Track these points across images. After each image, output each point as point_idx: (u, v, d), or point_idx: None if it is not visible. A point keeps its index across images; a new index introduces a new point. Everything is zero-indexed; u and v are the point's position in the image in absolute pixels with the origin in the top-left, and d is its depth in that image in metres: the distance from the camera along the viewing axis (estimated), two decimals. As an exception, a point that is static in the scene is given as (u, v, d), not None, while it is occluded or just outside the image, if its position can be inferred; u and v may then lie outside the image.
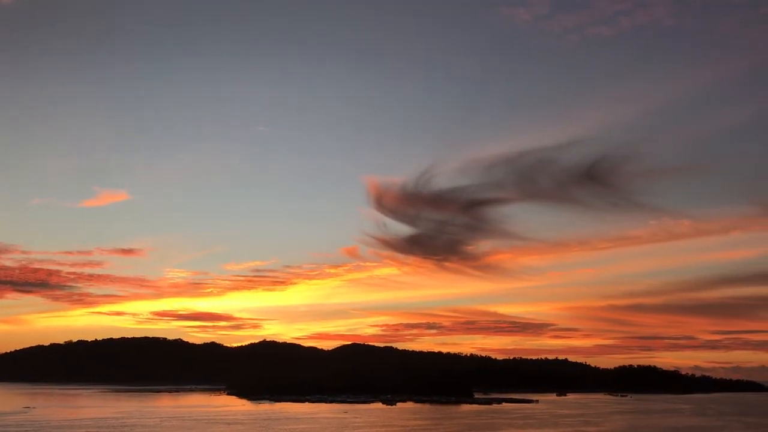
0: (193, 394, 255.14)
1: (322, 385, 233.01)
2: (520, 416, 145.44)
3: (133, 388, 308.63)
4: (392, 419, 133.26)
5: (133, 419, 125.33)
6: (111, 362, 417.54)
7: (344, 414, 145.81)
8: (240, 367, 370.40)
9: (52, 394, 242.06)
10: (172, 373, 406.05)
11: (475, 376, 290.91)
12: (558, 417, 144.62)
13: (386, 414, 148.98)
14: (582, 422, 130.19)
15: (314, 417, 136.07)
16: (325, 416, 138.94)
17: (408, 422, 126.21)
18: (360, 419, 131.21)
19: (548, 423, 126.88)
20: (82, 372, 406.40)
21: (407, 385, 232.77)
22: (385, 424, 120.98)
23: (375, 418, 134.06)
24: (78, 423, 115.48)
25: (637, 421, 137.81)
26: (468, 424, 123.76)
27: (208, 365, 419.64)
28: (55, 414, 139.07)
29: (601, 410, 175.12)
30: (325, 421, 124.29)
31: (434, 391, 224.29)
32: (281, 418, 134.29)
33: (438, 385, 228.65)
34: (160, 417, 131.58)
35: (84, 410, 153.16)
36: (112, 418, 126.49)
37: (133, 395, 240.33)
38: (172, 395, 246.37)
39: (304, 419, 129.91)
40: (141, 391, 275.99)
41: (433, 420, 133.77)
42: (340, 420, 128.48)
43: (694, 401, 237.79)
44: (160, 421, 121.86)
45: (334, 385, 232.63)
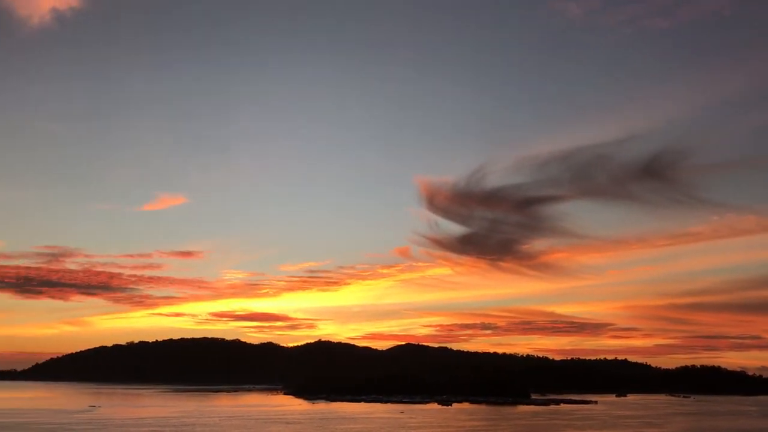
0: (250, 394, 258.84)
1: (377, 385, 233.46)
2: (579, 417, 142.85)
3: (193, 388, 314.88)
4: (448, 420, 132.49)
5: (193, 418, 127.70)
6: (171, 362, 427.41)
7: (400, 414, 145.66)
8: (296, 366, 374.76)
9: (115, 394, 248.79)
10: (230, 372, 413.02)
11: (531, 376, 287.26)
12: (618, 418, 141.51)
13: (442, 414, 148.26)
14: (643, 424, 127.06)
15: (370, 417, 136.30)
16: (381, 416, 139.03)
17: (464, 423, 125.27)
18: (416, 419, 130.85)
19: (608, 424, 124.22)
20: (143, 372, 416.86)
21: (463, 386, 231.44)
22: (442, 424, 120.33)
23: (431, 419, 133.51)
24: (140, 422, 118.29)
25: (701, 423, 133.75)
26: (525, 425, 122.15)
27: (265, 365, 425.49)
28: (118, 413, 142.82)
29: (662, 411, 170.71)
30: (381, 421, 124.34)
31: (490, 391, 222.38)
32: (338, 417, 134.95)
33: (494, 386, 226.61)
34: (219, 416, 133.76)
35: (146, 409, 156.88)
36: (173, 418, 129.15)
37: (192, 395, 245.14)
38: (230, 395, 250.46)
39: (360, 419, 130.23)
40: (200, 391, 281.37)
41: (490, 421, 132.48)
42: (396, 420, 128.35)
43: (762, 403, 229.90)
44: (220, 420, 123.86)
45: (390, 385, 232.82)
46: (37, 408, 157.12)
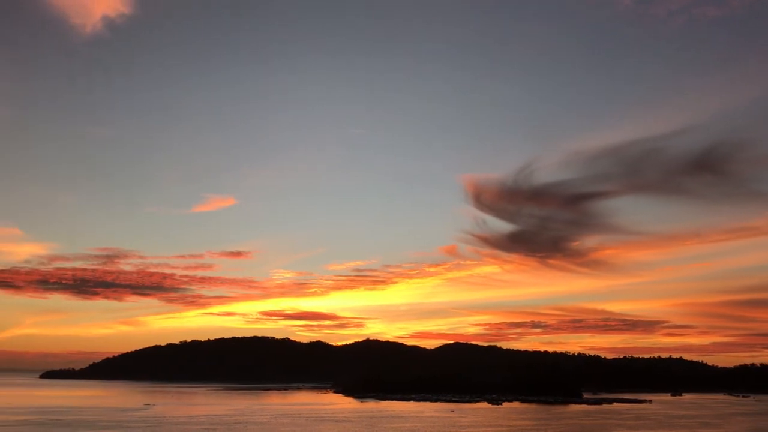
0: (300, 392, 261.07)
1: (426, 384, 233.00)
2: (633, 417, 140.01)
3: (244, 386, 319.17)
4: (499, 419, 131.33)
5: (245, 416, 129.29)
6: (223, 361, 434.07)
7: (450, 413, 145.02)
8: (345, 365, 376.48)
9: (169, 392, 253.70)
10: (280, 371, 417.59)
11: (583, 375, 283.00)
12: (673, 418, 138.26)
13: (492, 413, 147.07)
14: (700, 424, 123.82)
15: (420, 416, 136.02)
16: (431, 415, 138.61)
17: (515, 422, 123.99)
18: (466, 418, 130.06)
19: (663, 424, 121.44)
20: (196, 370, 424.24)
21: (513, 385, 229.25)
22: (492, 423, 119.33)
23: (481, 418, 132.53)
24: (194, 420, 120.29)
25: (762, 423, 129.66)
26: (577, 424, 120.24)
27: (315, 363, 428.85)
28: (172, 411, 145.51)
29: (720, 411, 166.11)
30: (431, 420, 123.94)
31: (541, 390, 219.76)
32: (387, 416, 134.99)
33: (545, 385, 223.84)
34: (271, 414, 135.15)
35: (199, 407, 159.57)
36: (226, 416, 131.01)
37: (244, 393, 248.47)
38: (280, 393, 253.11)
39: (410, 418, 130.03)
40: (251, 389, 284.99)
41: (541, 420, 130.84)
42: (445, 419, 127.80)
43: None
44: (271, 418, 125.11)
45: (439, 384, 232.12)
46: (94, 406, 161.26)
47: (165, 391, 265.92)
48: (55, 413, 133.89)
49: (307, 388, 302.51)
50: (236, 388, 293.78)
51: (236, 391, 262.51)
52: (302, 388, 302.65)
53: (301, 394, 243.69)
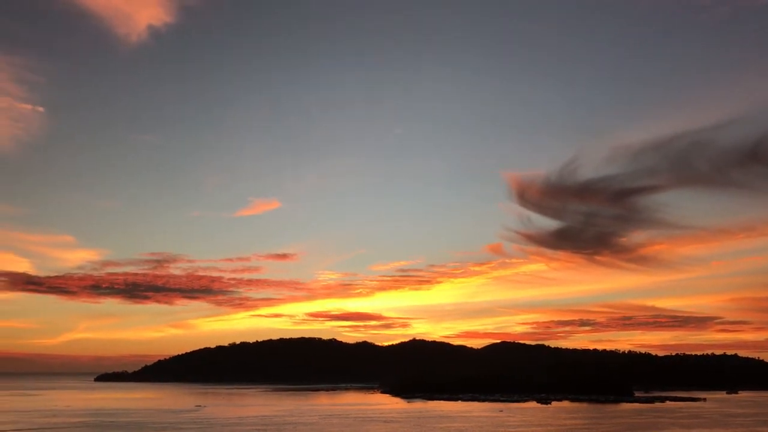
0: (348, 393, 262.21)
1: (473, 383, 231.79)
2: (687, 415, 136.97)
3: (292, 387, 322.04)
4: (548, 418, 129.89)
5: (294, 417, 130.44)
6: (271, 362, 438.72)
7: (499, 413, 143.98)
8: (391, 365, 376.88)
9: (219, 393, 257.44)
10: (327, 371, 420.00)
11: (634, 373, 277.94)
12: (729, 416, 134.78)
13: (542, 413, 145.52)
14: (758, 422, 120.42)
15: (468, 416, 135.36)
16: (479, 415, 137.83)
17: (565, 421, 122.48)
18: (515, 418, 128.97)
19: (719, 423, 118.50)
20: (245, 372, 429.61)
21: (562, 384, 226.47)
22: (541, 423, 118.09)
23: (530, 417, 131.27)
24: (245, 420, 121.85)
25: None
26: (629, 423, 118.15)
27: (361, 364, 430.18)
28: (223, 412, 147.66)
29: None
30: (479, 420, 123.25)
31: (591, 389, 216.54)
32: (435, 416, 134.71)
33: (595, 384, 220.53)
34: (319, 415, 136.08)
35: (249, 408, 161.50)
36: (275, 416, 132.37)
37: (292, 394, 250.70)
38: (329, 393, 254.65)
39: (458, 418, 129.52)
40: (300, 390, 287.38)
41: (592, 419, 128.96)
42: (494, 419, 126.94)
43: None
44: (320, 418, 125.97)
45: (486, 383, 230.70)
46: (147, 408, 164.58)
47: (215, 392, 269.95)
48: (109, 415, 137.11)
49: (355, 389, 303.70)
50: (284, 389, 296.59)
51: (285, 392, 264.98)
52: (350, 389, 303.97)
53: (348, 395, 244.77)
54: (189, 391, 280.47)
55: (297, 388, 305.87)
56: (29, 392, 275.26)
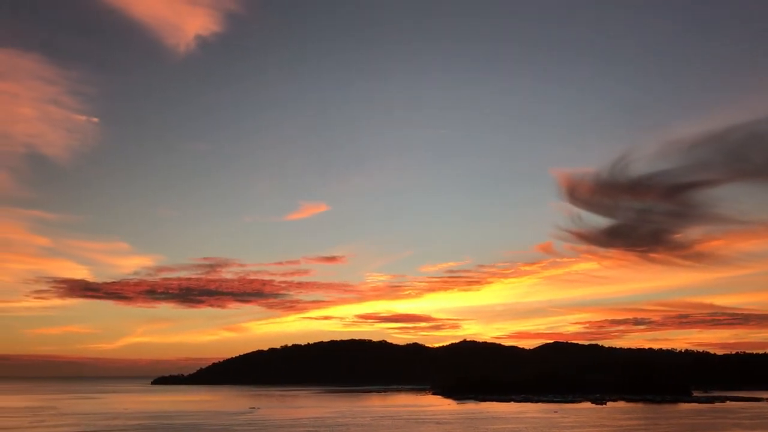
0: (399, 394, 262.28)
1: (526, 384, 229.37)
2: (748, 416, 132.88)
3: (344, 389, 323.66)
4: (604, 419, 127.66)
5: (347, 418, 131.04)
6: (322, 364, 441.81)
7: (553, 414, 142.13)
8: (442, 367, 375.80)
9: (272, 395, 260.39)
10: (378, 373, 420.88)
11: (691, 373, 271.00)
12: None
13: (597, 413, 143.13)
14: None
15: (521, 417, 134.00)
16: (533, 416, 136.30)
17: (621, 422, 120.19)
18: (569, 419, 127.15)
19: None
20: (297, 373, 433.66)
21: (617, 384, 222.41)
22: (597, 424, 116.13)
23: (585, 418, 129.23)
24: (298, 422, 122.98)
25: None
26: (688, 424, 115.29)
27: (412, 365, 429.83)
28: (277, 414, 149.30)
29: None
30: (533, 421, 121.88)
31: (647, 389, 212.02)
32: (488, 417, 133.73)
33: (651, 383, 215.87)
34: (372, 416, 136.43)
35: (302, 410, 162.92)
36: (328, 418, 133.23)
37: (344, 395, 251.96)
38: (380, 395, 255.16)
39: (511, 419, 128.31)
40: (351, 391, 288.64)
41: (649, 420, 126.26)
42: (548, 420, 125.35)
43: None
44: (372, 420, 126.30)
45: (539, 384, 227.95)
46: (203, 410, 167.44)
47: (269, 394, 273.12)
48: (166, 418, 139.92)
49: (406, 390, 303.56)
50: (336, 391, 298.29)
51: (337, 394, 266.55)
52: (401, 390, 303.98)
53: (400, 396, 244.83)
54: (243, 393, 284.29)
55: (348, 390, 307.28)
56: (89, 395, 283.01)
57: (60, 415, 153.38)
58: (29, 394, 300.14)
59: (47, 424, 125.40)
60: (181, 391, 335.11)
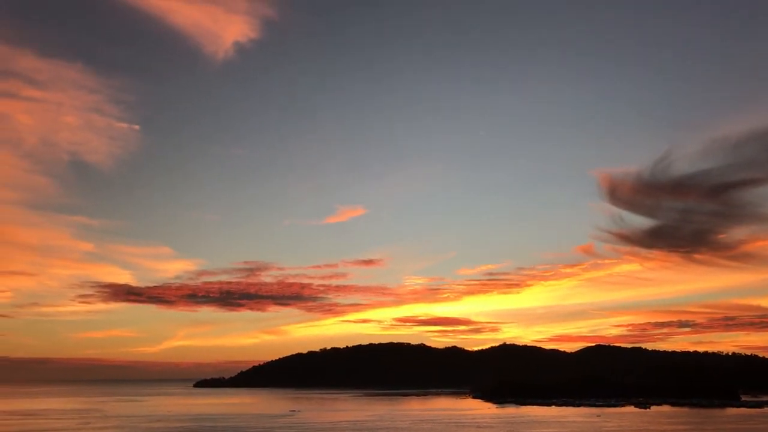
0: (439, 398, 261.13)
1: (567, 387, 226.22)
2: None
3: (383, 392, 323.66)
4: (648, 423, 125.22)
5: (386, 422, 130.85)
6: (361, 367, 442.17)
7: (596, 418, 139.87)
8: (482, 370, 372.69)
9: (312, 398, 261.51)
10: (417, 376, 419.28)
11: (739, 376, 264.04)
12: None
13: (640, 418, 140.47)
14: None
15: (563, 421, 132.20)
16: (575, 420, 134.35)
17: (666, 426, 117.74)
18: (612, 423, 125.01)
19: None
20: (336, 376, 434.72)
21: (661, 388, 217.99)
22: (641, 428, 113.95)
23: (629, 422, 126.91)
24: (338, 425, 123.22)
25: None
26: (737, 429, 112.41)
27: (451, 369, 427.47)
28: (317, 417, 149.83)
29: None
30: (575, 425, 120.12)
31: (693, 393, 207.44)
32: (529, 421, 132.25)
33: (697, 387, 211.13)
34: (411, 420, 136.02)
35: (341, 413, 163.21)
36: (368, 421, 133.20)
37: (383, 398, 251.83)
38: (419, 398, 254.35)
39: (553, 423, 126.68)
40: (390, 395, 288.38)
41: (694, 424, 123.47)
42: (591, 424, 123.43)
43: None
44: (411, 423, 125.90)
45: (581, 387, 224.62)
46: (244, 413, 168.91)
47: (308, 397, 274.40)
48: (208, 420, 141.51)
49: (445, 394, 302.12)
50: (375, 394, 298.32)
51: (375, 397, 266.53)
52: (440, 394, 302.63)
53: (439, 400, 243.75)
54: (283, 396, 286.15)
55: (387, 393, 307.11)
56: (133, 398, 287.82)
57: (105, 417, 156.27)
58: (75, 397, 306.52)
59: (93, 426, 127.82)
60: (222, 393, 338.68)
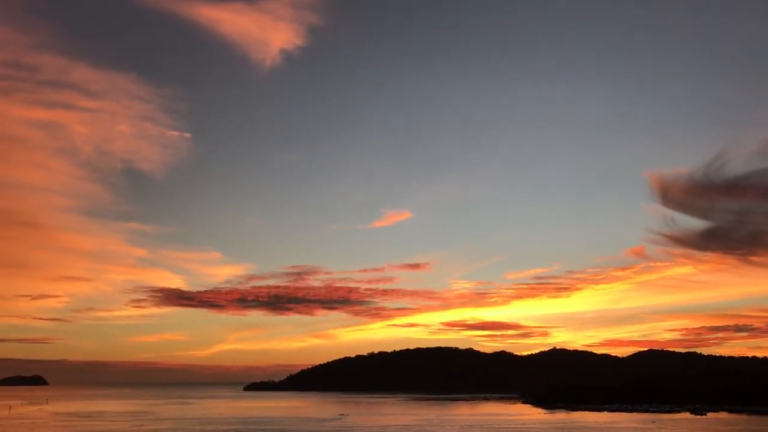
0: (488, 403, 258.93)
1: (620, 393, 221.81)
2: None
3: (431, 396, 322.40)
4: (704, 430, 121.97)
5: (435, 426, 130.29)
6: (408, 371, 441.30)
7: (650, 424, 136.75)
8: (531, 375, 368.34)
9: (360, 402, 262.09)
10: (465, 381, 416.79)
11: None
12: None
13: (696, 425, 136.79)
14: None
15: (616, 427, 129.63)
16: (628, 426, 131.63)
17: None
18: (667, 430, 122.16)
19: None
20: (384, 381, 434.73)
21: (718, 393, 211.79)
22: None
23: (684, 429, 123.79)
24: (386, 429, 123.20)
25: None
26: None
27: (500, 373, 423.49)
28: (366, 421, 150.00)
29: None
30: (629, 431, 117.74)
31: (752, 400, 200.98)
32: (580, 427, 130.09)
33: (755, 394, 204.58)
34: (460, 425, 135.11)
35: (390, 417, 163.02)
36: (416, 425, 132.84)
37: (431, 403, 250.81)
38: (468, 403, 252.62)
39: (605, 429, 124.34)
40: (438, 399, 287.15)
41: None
42: (645, 430, 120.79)
43: None
44: (460, 428, 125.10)
45: (634, 393, 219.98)
46: (293, 416, 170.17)
47: (357, 401, 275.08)
48: (258, 423, 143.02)
49: (495, 399, 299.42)
50: (424, 399, 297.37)
51: (424, 401, 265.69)
52: (489, 399, 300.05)
53: (489, 405, 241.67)
54: (332, 400, 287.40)
55: (436, 398, 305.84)
56: (185, 401, 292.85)
57: (158, 420, 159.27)
58: (129, 399, 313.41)
59: (147, 429, 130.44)
60: (272, 397, 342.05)
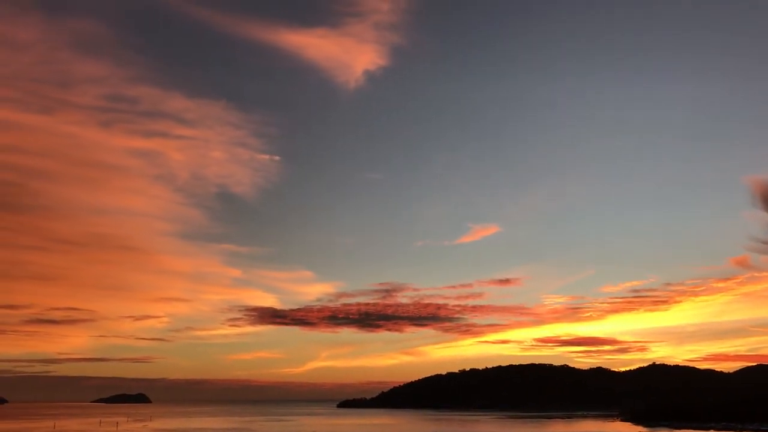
0: (585, 420, 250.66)
1: (727, 410, 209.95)
2: None
3: (525, 414, 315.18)
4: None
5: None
6: (501, 388, 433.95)
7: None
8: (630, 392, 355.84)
9: (452, 420, 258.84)
10: (560, 398, 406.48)
11: None
12: None
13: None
14: None
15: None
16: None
17: None
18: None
19: None
20: (475, 398, 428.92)
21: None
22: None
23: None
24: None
25: None
26: None
27: (597, 390, 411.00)
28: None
29: None
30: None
31: None
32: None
33: None
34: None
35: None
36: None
37: (526, 421, 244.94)
38: (564, 421, 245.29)
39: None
40: (533, 417, 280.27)
41: None
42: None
43: None
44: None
45: (744, 410, 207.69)
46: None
47: (449, 418, 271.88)
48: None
49: (592, 416, 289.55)
50: (518, 416, 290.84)
51: (518, 419, 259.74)
52: (586, 417, 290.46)
53: (586, 423, 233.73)
54: (424, 418, 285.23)
55: (530, 416, 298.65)
56: (281, 418, 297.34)
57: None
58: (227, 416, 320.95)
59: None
60: (365, 414, 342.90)
